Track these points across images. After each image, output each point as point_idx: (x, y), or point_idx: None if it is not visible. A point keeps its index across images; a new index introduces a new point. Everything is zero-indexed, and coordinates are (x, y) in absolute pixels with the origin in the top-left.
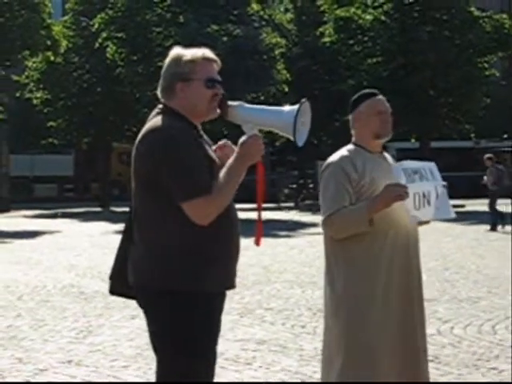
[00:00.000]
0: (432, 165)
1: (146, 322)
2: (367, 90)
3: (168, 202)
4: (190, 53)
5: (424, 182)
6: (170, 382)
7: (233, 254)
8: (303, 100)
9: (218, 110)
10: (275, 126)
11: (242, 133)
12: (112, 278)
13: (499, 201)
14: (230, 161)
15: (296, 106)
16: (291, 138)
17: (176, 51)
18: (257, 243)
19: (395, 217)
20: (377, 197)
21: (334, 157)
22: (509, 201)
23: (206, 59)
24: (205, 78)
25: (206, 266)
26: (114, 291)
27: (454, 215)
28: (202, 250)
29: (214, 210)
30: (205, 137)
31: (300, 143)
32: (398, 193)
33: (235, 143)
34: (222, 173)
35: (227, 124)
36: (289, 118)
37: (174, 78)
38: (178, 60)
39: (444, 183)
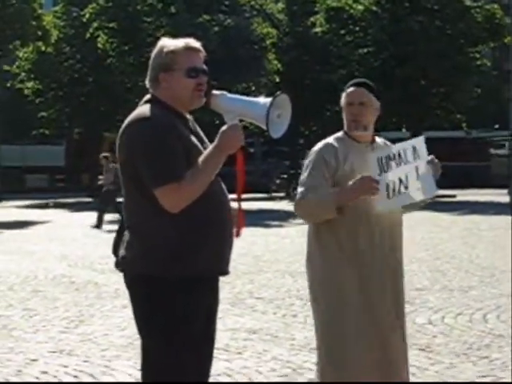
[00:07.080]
0: (417, 140)
1: (131, 308)
2: (354, 80)
3: (148, 190)
4: (172, 43)
5: (402, 166)
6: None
7: (221, 238)
8: (278, 93)
9: (204, 99)
10: (252, 117)
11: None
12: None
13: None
14: (209, 149)
15: (270, 98)
16: (265, 129)
17: (161, 42)
18: (236, 234)
19: (369, 207)
20: (348, 187)
21: (319, 144)
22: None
23: (188, 49)
24: (186, 68)
25: (186, 251)
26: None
27: (436, 192)
28: (182, 236)
29: (185, 196)
30: (193, 126)
31: (275, 135)
32: (369, 188)
33: None
34: (199, 161)
35: (218, 114)
36: (262, 109)
37: (158, 68)
38: (161, 51)
39: (428, 158)
